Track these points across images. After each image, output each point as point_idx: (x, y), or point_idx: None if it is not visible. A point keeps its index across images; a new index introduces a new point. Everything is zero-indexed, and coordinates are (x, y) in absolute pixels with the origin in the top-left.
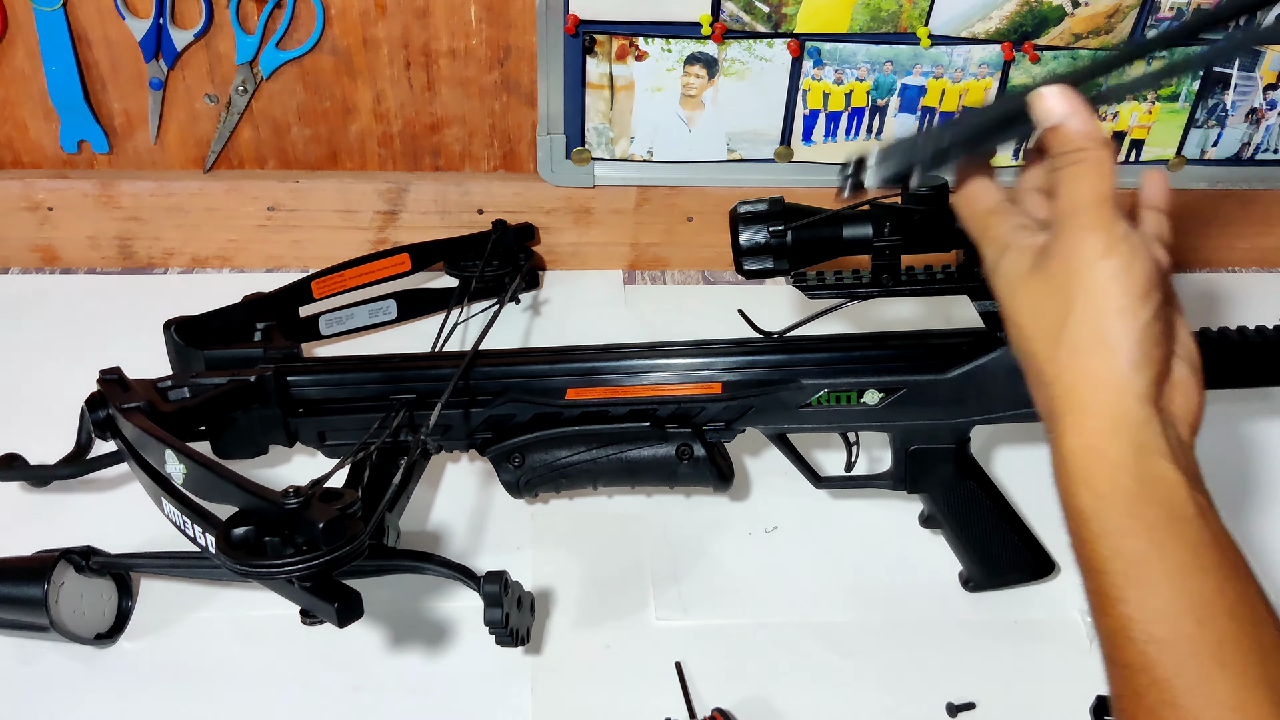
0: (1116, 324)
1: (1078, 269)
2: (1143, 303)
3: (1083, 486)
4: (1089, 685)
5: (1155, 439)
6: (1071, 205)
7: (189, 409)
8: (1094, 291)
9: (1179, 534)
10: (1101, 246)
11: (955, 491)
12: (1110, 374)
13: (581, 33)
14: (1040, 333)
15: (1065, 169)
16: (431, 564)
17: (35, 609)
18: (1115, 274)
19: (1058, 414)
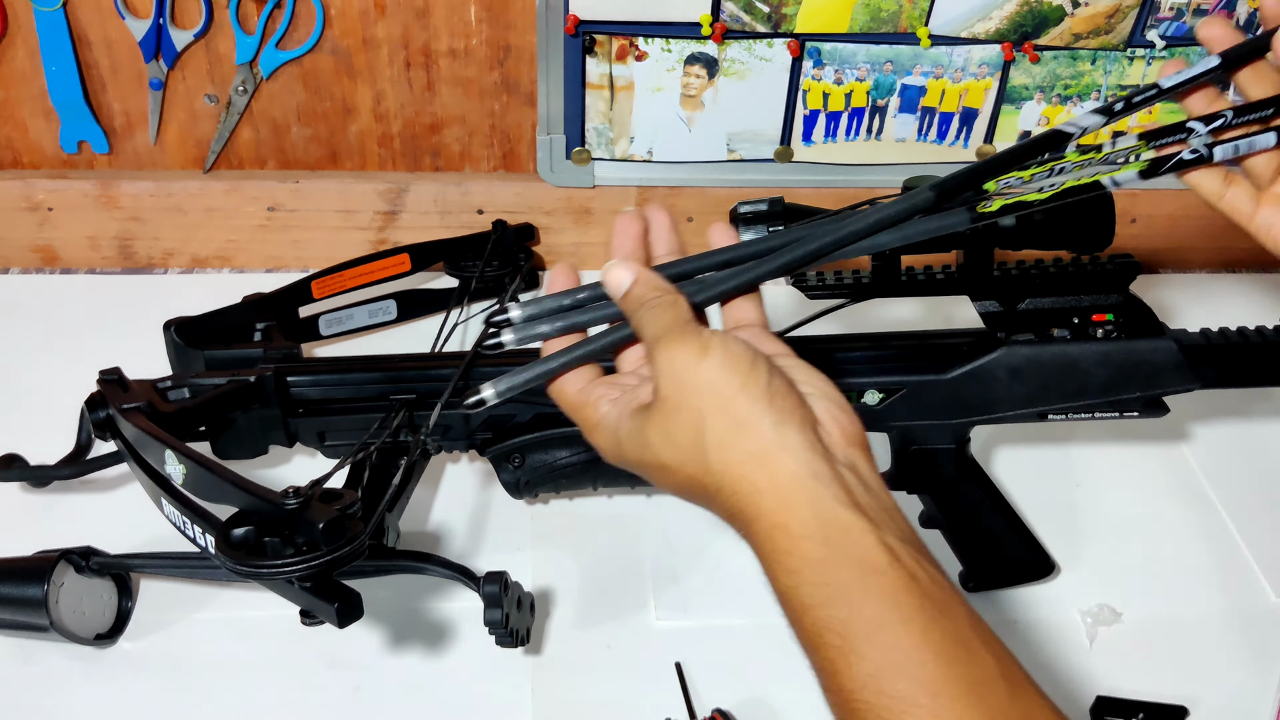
0: (743, 399)
1: (686, 379)
2: (754, 370)
3: (778, 568)
4: (1089, 685)
5: (829, 486)
6: (656, 335)
7: (189, 409)
8: (710, 387)
9: (874, 589)
10: (695, 350)
11: (955, 491)
12: (761, 444)
13: (581, 33)
14: (685, 457)
15: (642, 313)
16: (431, 564)
17: (35, 609)
18: (719, 363)
19: (737, 513)
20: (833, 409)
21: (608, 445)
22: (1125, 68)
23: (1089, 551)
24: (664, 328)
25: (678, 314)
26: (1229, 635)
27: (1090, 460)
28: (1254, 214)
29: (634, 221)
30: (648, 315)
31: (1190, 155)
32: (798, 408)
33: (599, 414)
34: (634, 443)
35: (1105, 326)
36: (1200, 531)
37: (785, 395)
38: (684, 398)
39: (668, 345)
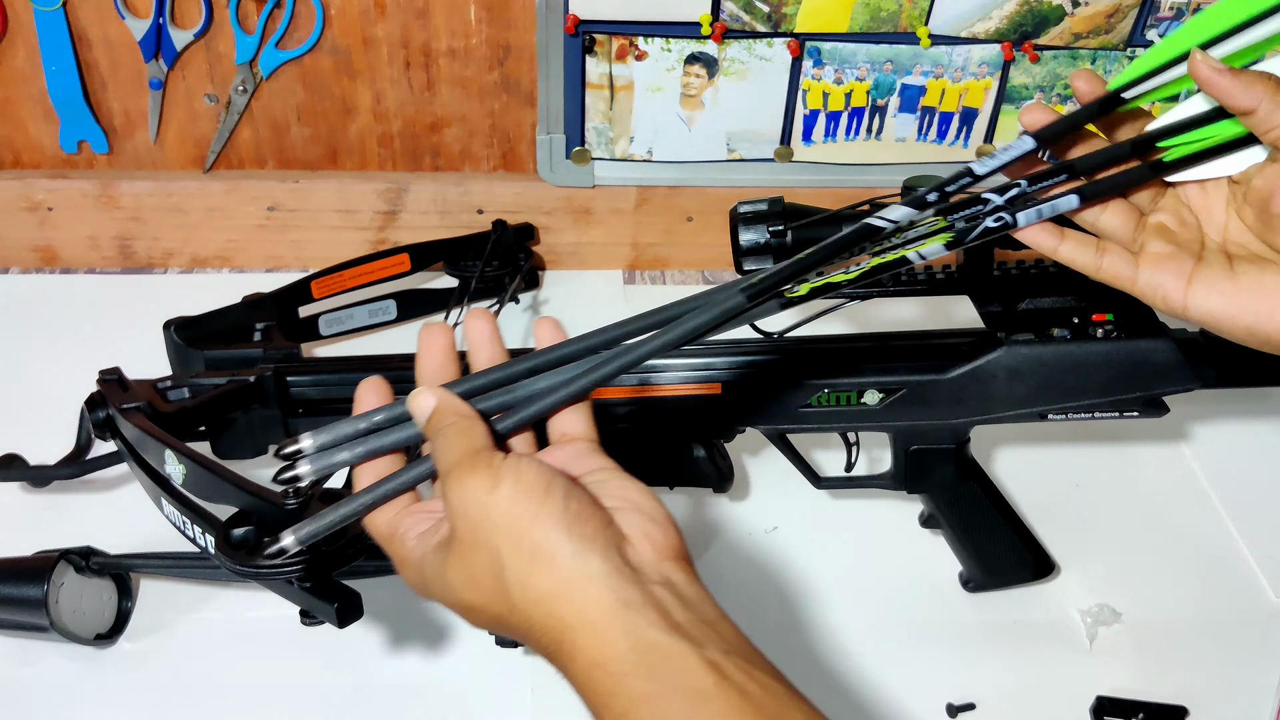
0: (539, 530)
1: (479, 515)
2: (548, 496)
3: (605, 713)
4: (1089, 685)
5: (642, 612)
6: (447, 467)
7: (189, 409)
8: (504, 520)
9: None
10: (486, 482)
11: (955, 491)
12: (563, 577)
13: (581, 32)
14: (489, 598)
15: (436, 441)
16: None
17: (35, 609)
18: (511, 493)
19: (551, 653)
20: (645, 523)
21: (415, 583)
22: (1125, 67)
23: (1089, 551)
24: (454, 458)
25: (470, 441)
26: (1229, 635)
27: (1090, 460)
28: (1135, 278)
29: (439, 335)
30: (440, 444)
31: (995, 223)
32: (601, 530)
33: (405, 549)
34: (438, 584)
35: (1105, 326)
36: (1200, 531)
37: (586, 519)
38: (479, 535)
39: (458, 478)
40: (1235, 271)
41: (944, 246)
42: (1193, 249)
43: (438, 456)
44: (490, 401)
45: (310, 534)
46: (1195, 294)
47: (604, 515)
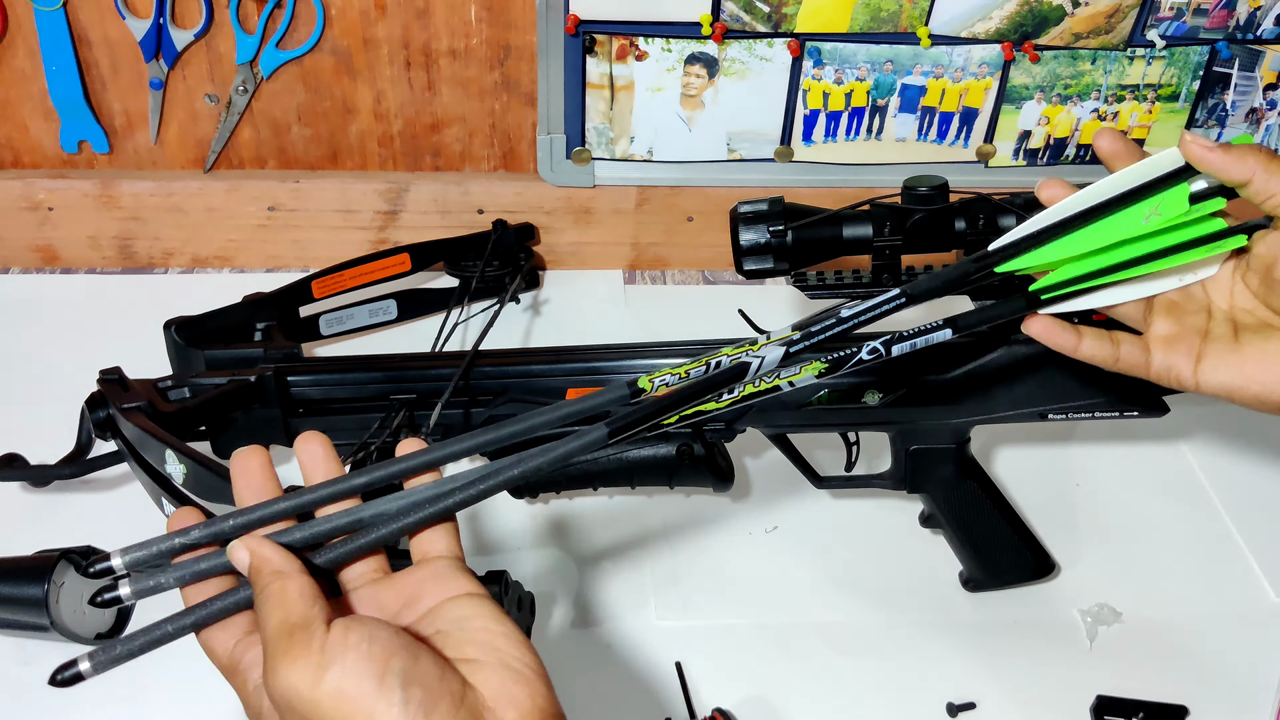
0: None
1: (307, 710)
2: (385, 684)
3: None
4: (1089, 685)
5: None
6: (266, 649)
7: (189, 409)
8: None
9: None
10: (309, 671)
11: (955, 491)
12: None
13: (581, 32)
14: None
15: (257, 602)
16: None
17: (35, 609)
18: (338, 684)
19: None
20: (508, 681)
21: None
22: (1125, 67)
23: (1089, 551)
24: (270, 641)
25: (285, 612)
26: (1229, 635)
27: (1090, 460)
28: (1149, 364)
29: (250, 457)
30: (260, 612)
31: (869, 355)
32: (455, 696)
33: (246, 692)
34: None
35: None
36: (1200, 531)
37: (432, 690)
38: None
39: (277, 663)
40: (1240, 343)
41: (815, 375)
42: (1199, 322)
43: (260, 622)
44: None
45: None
46: (1204, 371)
47: (456, 679)
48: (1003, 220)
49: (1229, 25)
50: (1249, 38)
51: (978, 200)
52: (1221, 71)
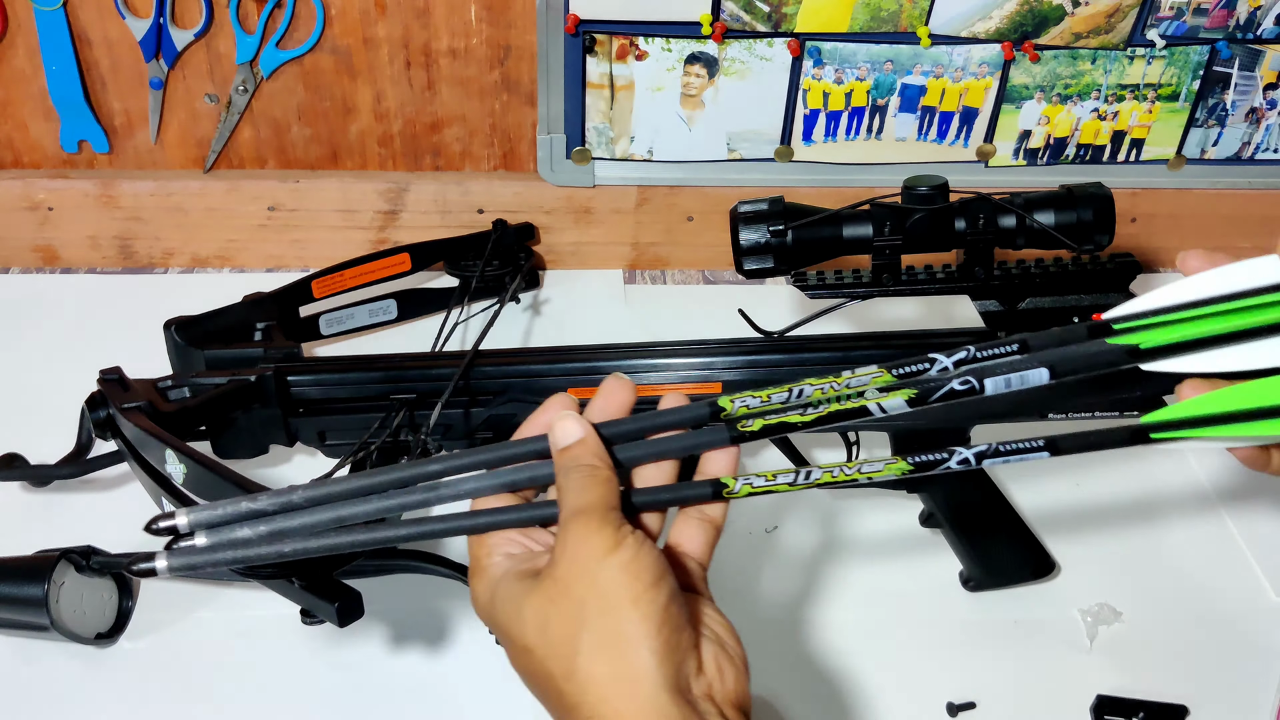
0: (633, 613)
1: (586, 567)
2: (656, 589)
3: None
4: (1089, 685)
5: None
6: (575, 509)
7: (189, 409)
8: (605, 586)
9: None
10: (607, 542)
11: (955, 491)
12: (636, 671)
13: (581, 32)
14: (554, 649)
15: (570, 479)
16: (431, 564)
17: (35, 609)
18: (624, 565)
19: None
20: (724, 661)
21: (481, 599)
22: (1125, 67)
23: (1089, 551)
24: (585, 504)
25: (605, 495)
26: (1229, 635)
27: (1090, 460)
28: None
29: (622, 390)
30: (574, 483)
31: (961, 386)
32: (685, 648)
33: (489, 560)
34: (508, 609)
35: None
36: (1200, 531)
37: (677, 628)
38: (576, 587)
39: (583, 525)
40: None
41: (906, 402)
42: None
43: (566, 493)
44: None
45: (200, 525)
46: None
47: (693, 635)
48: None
49: (1229, 25)
50: (1249, 37)
51: (978, 200)
52: (1221, 71)
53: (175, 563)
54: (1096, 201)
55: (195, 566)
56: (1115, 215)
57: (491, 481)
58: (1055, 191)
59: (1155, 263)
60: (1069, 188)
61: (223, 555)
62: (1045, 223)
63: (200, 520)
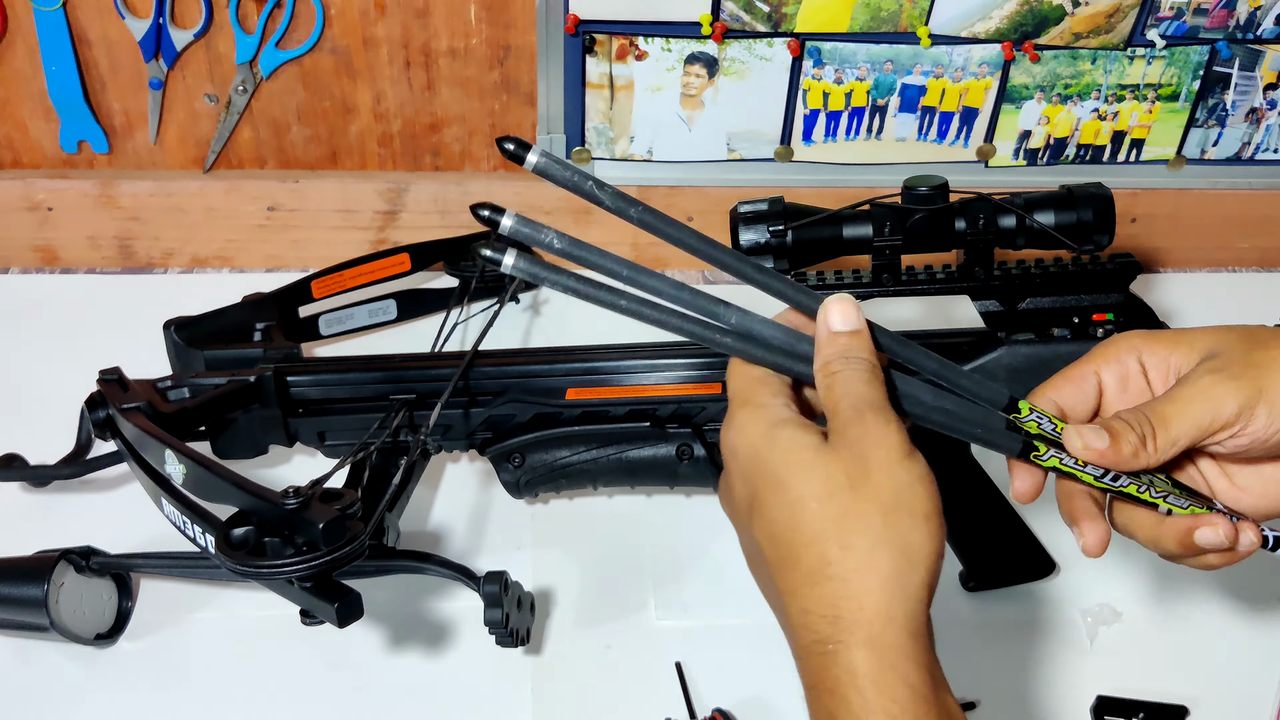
0: (927, 527)
1: (884, 461)
2: (940, 517)
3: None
4: (1089, 685)
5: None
6: (872, 400)
7: (189, 409)
8: (902, 490)
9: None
10: (905, 447)
11: (955, 491)
12: (909, 583)
13: (581, 32)
14: (831, 518)
15: (857, 367)
16: (431, 564)
17: (35, 609)
18: (923, 476)
19: (845, 620)
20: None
21: (752, 431)
22: (1125, 67)
23: None
24: (880, 399)
25: (883, 393)
26: (1229, 635)
27: None
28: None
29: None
30: (855, 374)
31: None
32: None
33: (774, 400)
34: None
35: (1106, 326)
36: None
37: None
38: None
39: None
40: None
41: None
42: None
43: (855, 382)
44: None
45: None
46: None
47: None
48: (1002, 220)
49: (1229, 25)
50: (1249, 37)
51: (978, 200)
52: (1221, 71)
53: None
54: (1096, 201)
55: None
56: (1115, 215)
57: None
58: (1055, 191)
59: (1155, 263)
60: (1069, 188)
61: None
62: (1045, 223)
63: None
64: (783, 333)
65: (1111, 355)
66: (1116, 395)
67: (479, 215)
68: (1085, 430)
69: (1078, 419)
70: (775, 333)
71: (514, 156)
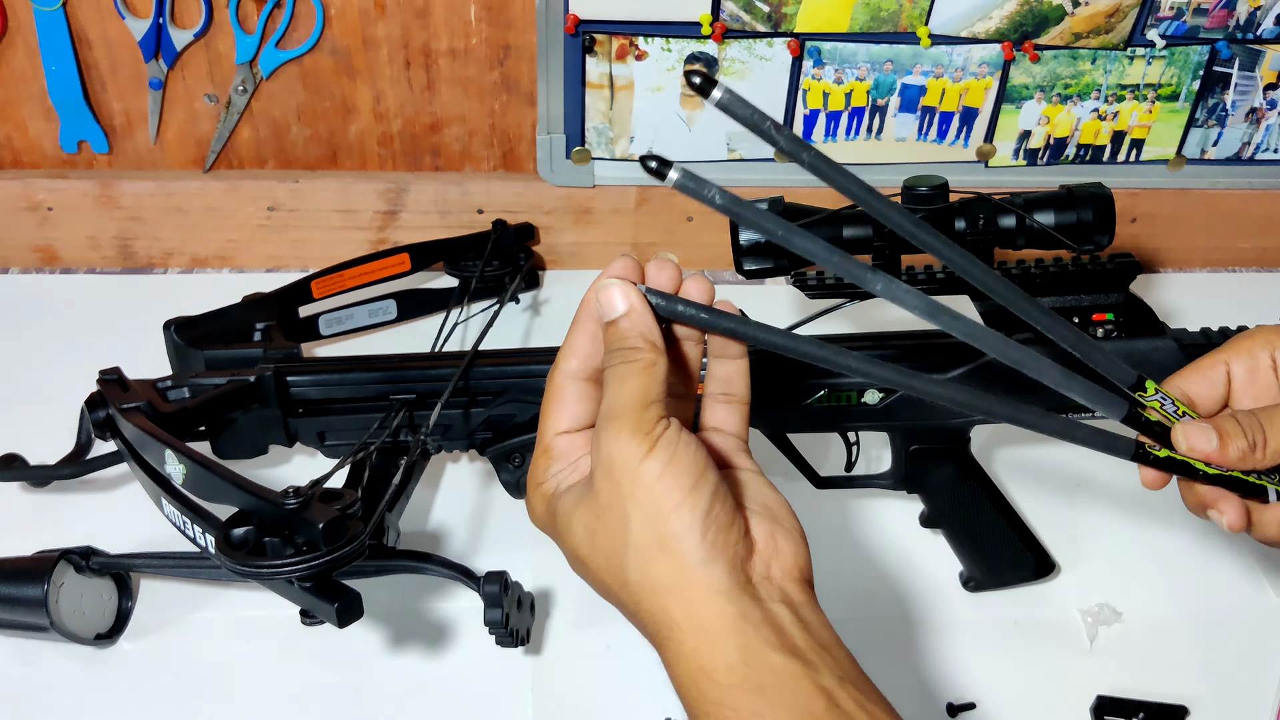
0: (675, 522)
1: (621, 478)
2: (696, 491)
3: (705, 718)
4: (1089, 685)
5: (758, 630)
6: (609, 410)
7: (189, 409)
8: (644, 495)
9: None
10: (640, 446)
11: (955, 491)
12: (683, 578)
13: (581, 32)
14: (604, 563)
15: (611, 368)
16: (431, 564)
17: (35, 609)
18: (660, 471)
19: (656, 644)
20: (779, 535)
21: (538, 510)
22: (1125, 67)
23: (1089, 551)
24: (622, 405)
25: (645, 391)
26: (1229, 635)
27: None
28: None
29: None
30: (614, 374)
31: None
32: (733, 541)
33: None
34: (560, 523)
35: (1105, 326)
36: (1200, 531)
37: (723, 527)
38: (616, 498)
39: (616, 431)
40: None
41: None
42: None
43: (607, 384)
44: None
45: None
46: None
47: (740, 524)
48: (1002, 220)
49: (1229, 25)
50: (1249, 37)
51: (978, 200)
52: (1221, 71)
53: (688, 182)
54: (1096, 201)
55: (699, 192)
56: (1115, 215)
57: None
58: (1055, 191)
59: (1155, 263)
60: (1069, 188)
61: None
62: (1045, 223)
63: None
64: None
65: (1245, 348)
66: (1245, 388)
67: (647, 166)
68: (1193, 431)
69: (1206, 409)
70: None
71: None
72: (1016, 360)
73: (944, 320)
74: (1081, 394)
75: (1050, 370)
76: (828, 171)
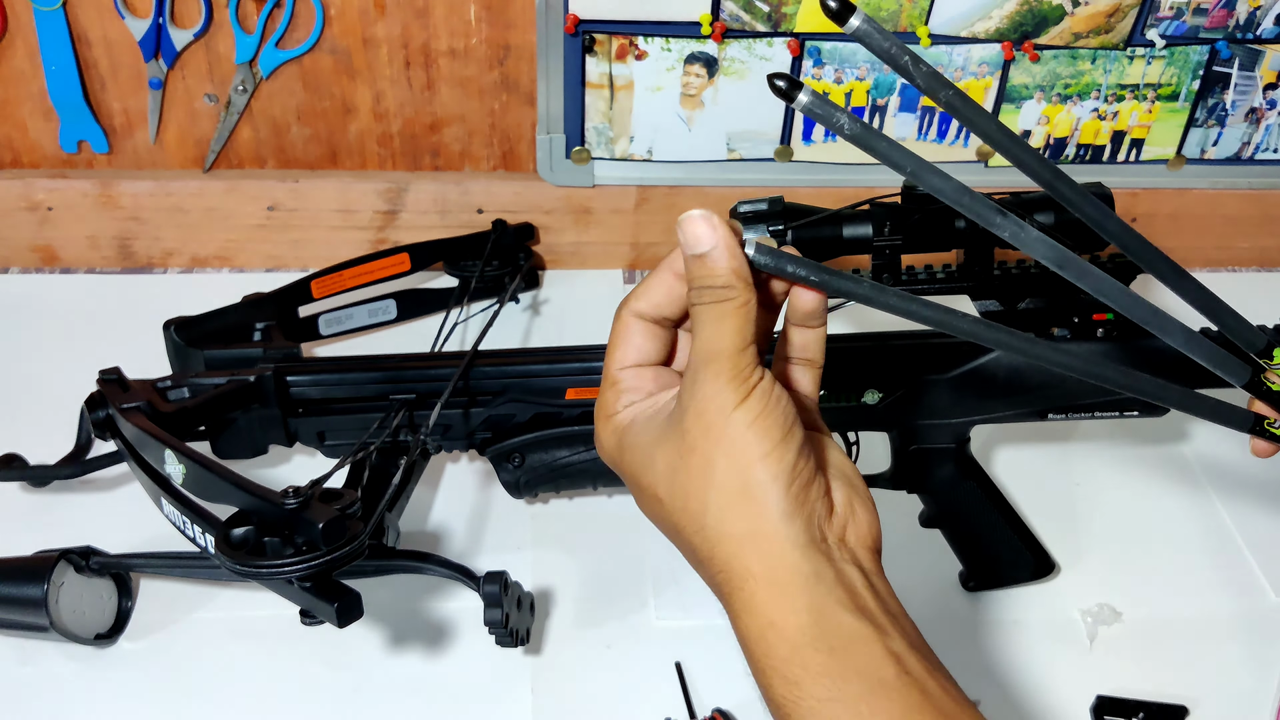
0: (761, 471)
1: (712, 422)
2: (784, 444)
3: (774, 675)
4: (1089, 685)
5: (831, 590)
6: (705, 353)
7: (188, 409)
8: (733, 442)
9: (883, 707)
10: (735, 394)
11: (955, 491)
12: (765, 532)
13: (581, 32)
14: (684, 503)
15: (703, 307)
16: (431, 564)
17: (35, 609)
18: (751, 421)
19: (725, 593)
20: (856, 502)
21: (608, 443)
22: (1125, 67)
23: (1089, 551)
24: (720, 348)
25: (742, 335)
26: (1229, 635)
27: (1090, 460)
28: None
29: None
30: (707, 312)
31: None
32: (815, 498)
33: (619, 404)
34: (637, 457)
35: (1105, 326)
36: (1200, 531)
37: (806, 484)
38: (703, 440)
39: (714, 373)
40: None
41: None
42: None
43: (699, 324)
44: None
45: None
46: None
47: (823, 483)
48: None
49: (1229, 25)
50: (1249, 37)
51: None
52: (1221, 71)
53: (816, 107)
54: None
55: (826, 115)
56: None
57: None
58: None
59: None
60: None
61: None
62: (1045, 223)
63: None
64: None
65: None
66: None
67: (775, 86)
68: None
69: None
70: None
71: (837, 16)
72: (1143, 319)
73: (1073, 271)
74: (1205, 356)
75: (1176, 331)
76: (965, 111)
